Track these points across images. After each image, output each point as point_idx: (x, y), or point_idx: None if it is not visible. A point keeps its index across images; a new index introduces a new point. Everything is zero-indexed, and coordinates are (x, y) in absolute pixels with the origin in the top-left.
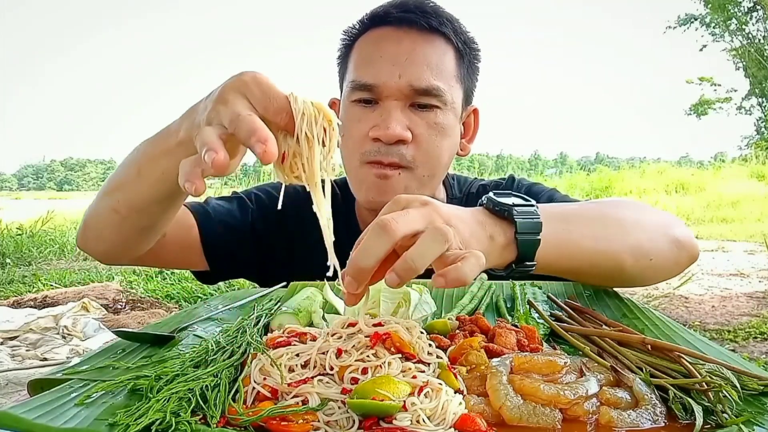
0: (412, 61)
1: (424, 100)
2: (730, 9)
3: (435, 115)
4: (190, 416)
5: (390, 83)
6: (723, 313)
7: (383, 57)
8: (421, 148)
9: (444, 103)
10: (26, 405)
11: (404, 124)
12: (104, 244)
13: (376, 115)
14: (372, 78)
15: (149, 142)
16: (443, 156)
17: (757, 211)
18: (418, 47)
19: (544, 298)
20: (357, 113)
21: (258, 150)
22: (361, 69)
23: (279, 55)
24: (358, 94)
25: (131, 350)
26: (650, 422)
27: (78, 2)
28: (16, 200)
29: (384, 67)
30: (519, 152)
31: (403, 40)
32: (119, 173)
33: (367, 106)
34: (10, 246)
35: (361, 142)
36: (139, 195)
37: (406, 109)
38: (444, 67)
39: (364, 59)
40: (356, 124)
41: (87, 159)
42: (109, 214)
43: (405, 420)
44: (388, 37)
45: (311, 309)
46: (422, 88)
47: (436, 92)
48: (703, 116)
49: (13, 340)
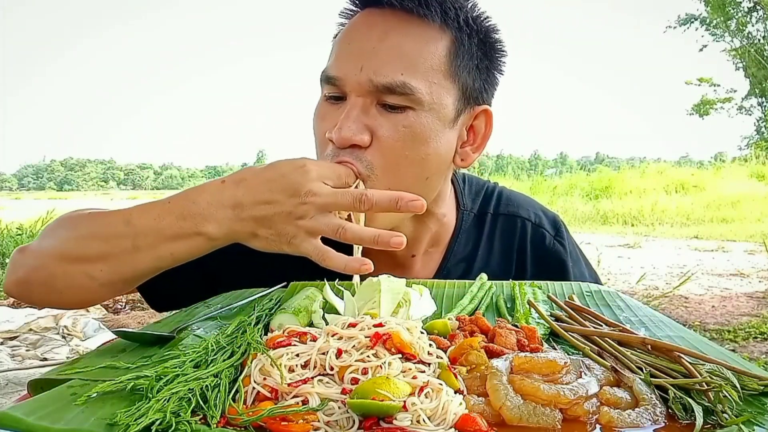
0: (378, 52)
1: (392, 100)
2: (730, 9)
3: (405, 117)
4: (190, 416)
5: (350, 76)
6: (723, 313)
7: (350, 45)
8: (384, 154)
9: (418, 104)
10: (26, 405)
11: (361, 125)
12: (58, 300)
13: (339, 113)
14: (335, 70)
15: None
16: (415, 166)
17: (757, 211)
18: (390, 36)
19: (544, 298)
20: (323, 110)
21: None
22: (331, 58)
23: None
24: (327, 89)
25: (131, 350)
26: (650, 422)
27: (78, 2)
28: (16, 200)
29: (347, 58)
30: (519, 152)
31: (375, 28)
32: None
33: (334, 102)
34: (10, 246)
35: (322, 142)
36: (132, 268)
37: (371, 107)
38: (423, 60)
39: (336, 48)
40: (320, 123)
41: (87, 159)
42: (83, 281)
43: (405, 420)
44: (362, 23)
45: (311, 309)
46: (383, 84)
47: (403, 90)
48: (705, 116)
49: (13, 340)
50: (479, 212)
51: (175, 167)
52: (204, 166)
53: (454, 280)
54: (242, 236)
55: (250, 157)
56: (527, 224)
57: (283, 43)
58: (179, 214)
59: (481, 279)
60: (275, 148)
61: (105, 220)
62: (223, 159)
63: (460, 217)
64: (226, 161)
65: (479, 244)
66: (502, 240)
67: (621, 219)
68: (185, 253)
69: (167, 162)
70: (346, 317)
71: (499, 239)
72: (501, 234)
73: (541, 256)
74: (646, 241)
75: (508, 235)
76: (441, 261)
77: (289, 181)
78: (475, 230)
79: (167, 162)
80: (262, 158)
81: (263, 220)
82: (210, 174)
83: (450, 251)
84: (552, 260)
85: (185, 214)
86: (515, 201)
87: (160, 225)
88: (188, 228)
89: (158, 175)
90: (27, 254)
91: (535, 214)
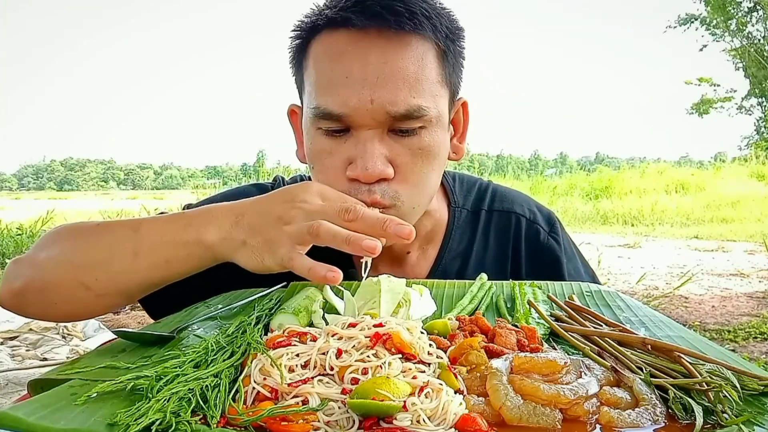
0: (384, 80)
1: (405, 125)
2: (730, 9)
3: (420, 139)
4: (190, 416)
5: (361, 111)
6: (723, 313)
7: (349, 78)
8: (407, 181)
9: (429, 121)
10: (26, 405)
11: (384, 158)
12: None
13: (349, 147)
14: (339, 106)
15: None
16: (432, 180)
17: (757, 211)
18: (390, 60)
19: (544, 298)
20: (326, 145)
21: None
22: (325, 94)
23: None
24: (326, 123)
25: (131, 350)
26: (650, 422)
27: (78, 2)
28: (16, 200)
29: (352, 92)
30: (519, 152)
31: (371, 53)
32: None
33: (337, 135)
34: (10, 246)
35: (337, 179)
36: (127, 277)
37: (384, 136)
38: (425, 78)
39: (327, 80)
40: (328, 159)
41: (87, 159)
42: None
43: (405, 420)
44: (351, 49)
45: (311, 309)
46: (400, 113)
47: (418, 113)
48: (705, 115)
49: (13, 340)
50: (473, 209)
51: (175, 167)
52: (204, 166)
53: (453, 280)
54: (234, 245)
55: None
56: (522, 220)
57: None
58: (187, 222)
59: (481, 279)
60: (275, 148)
61: (113, 228)
62: (223, 159)
63: (452, 214)
64: (226, 161)
65: (474, 241)
66: (497, 236)
67: (621, 219)
68: (180, 262)
69: (167, 162)
70: (346, 317)
71: (494, 235)
72: (496, 230)
73: (536, 252)
74: (646, 241)
75: (503, 232)
76: (436, 257)
77: (290, 191)
78: (469, 226)
79: (167, 162)
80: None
81: (256, 227)
82: (210, 174)
83: (445, 247)
84: (546, 256)
85: (193, 222)
86: (509, 197)
87: (166, 229)
88: (191, 234)
89: (158, 175)
90: (22, 264)
91: (529, 210)
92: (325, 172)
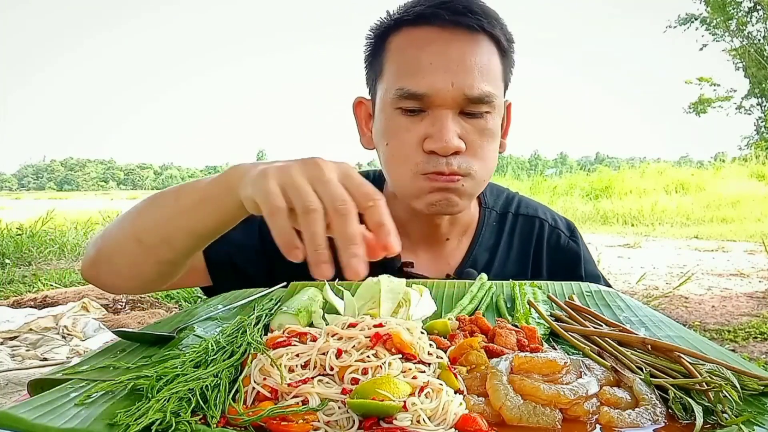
0: (463, 67)
1: (475, 108)
2: (730, 9)
3: (485, 122)
4: (190, 416)
5: (443, 92)
6: (723, 313)
7: (433, 64)
8: (476, 156)
9: (494, 107)
10: (26, 405)
11: (457, 134)
12: (120, 281)
13: (426, 125)
14: (423, 87)
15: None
16: (493, 159)
17: (757, 211)
18: (468, 52)
19: (544, 298)
20: (405, 123)
21: None
22: (409, 76)
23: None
24: (407, 103)
25: (131, 350)
26: (650, 422)
27: (78, 2)
28: (16, 200)
29: (436, 76)
30: (519, 152)
31: (452, 44)
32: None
33: (413, 114)
34: (10, 246)
35: (413, 153)
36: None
37: (456, 116)
38: (492, 70)
39: (411, 65)
40: (406, 135)
41: (87, 159)
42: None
43: (405, 420)
44: (434, 40)
45: (311, 309)
46: (475, 96)
47: (488, 98)
48: (703, 114)
49: (13, 340)
50: (501, 211)
51: (175, 167)
52: (204, 166)
53: (454, 280)
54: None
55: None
56: (545, 224)
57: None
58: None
59: (481, 279)
60: (275, 148)
61: (179, 187)
62: (223, 159)
63: (483, 213)
64: (226, 161)
65: (501, 239)
66: (521, 237)
67: (621, 219)
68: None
69: (167, 162)
70: (346, 317)
71: (519, 237)
72: (520, 232)
73: (556, 254)
74: (646, 241)
75: (526, 234)
76: (468, 248)
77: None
78: (497, 226)
79: (167, 162)
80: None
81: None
82: (210, 174)
83: (477, 241)
84: (567, 257)
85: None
86: (533, 206)
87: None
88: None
89: (158, 175)
90: (97, 236)
91: (552, 217)
92: (402, 147)
